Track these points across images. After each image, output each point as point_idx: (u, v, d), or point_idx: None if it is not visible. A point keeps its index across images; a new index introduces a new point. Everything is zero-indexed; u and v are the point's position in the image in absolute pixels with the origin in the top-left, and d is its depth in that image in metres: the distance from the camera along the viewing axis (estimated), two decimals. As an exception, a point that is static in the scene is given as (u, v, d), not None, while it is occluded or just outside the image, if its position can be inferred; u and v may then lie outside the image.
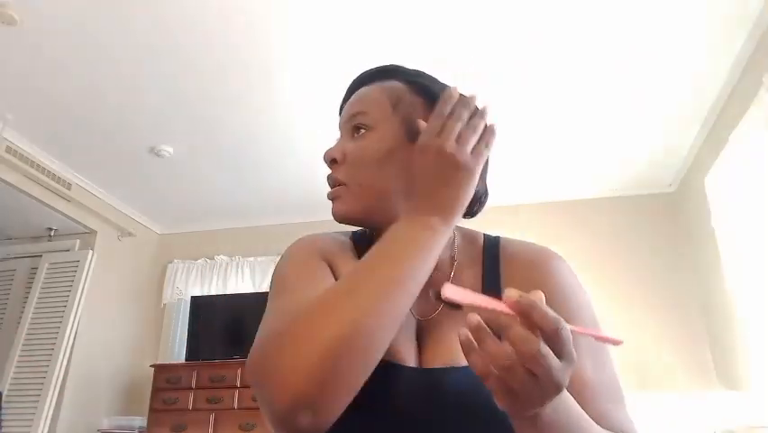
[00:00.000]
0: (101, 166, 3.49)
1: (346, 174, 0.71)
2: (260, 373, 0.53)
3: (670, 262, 3.57)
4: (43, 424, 3.19)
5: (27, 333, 3.48)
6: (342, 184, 0.71)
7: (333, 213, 0.72)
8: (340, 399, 0.51)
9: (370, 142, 0.71)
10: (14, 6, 2.22)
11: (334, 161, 0.72)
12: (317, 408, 0.50)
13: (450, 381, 0.61)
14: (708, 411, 2.46)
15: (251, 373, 0.55)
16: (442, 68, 2.55)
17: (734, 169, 2.60)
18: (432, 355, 0.65)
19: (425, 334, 0.67)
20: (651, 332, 3.41)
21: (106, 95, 2.80)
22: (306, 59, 2.52)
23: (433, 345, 0.66)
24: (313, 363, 0.50)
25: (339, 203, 0.71)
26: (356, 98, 0.74)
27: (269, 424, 0.53)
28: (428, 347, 0.66)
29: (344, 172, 0.71)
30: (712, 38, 2.43)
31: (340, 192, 0.71)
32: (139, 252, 4.12)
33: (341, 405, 0.52)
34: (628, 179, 3.63)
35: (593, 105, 2.90)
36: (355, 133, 0.72)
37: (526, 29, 2.38)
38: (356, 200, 0.70)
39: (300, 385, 0.49)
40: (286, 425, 0.50)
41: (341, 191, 0.71)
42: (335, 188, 0.72)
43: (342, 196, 0.71)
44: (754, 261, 2.45)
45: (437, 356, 0.64)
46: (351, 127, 0.73)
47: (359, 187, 0.70)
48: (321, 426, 0.51)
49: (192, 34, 2.40)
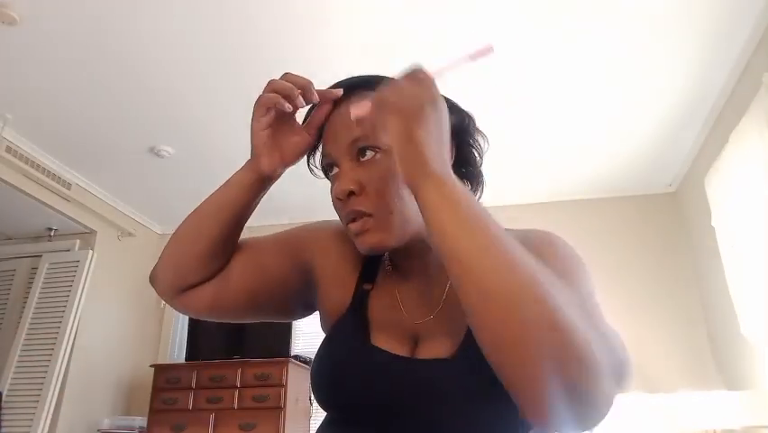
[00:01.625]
0: (101, 166, 3.49)
1: (370, 205, 0.67)
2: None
3: (670, 262, 3.56)
4: (43, 424, 3.19)
5: (27, 333, 3.48)
6: (366, 215, 0.67)
7: (365, 247, 0.68)
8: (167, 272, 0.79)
9: (387, 166, 0.67)
10: (14, 6, 2.22)
11: (352, 194, 0.67)
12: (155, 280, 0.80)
13: (433, 369, 0.63)
14: (708, 411, 2.46)
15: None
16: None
17: (734, 169, 2.60)
18: (422, 351, 0.67)
19: (420, 336, 0.69)
20: (651, 332, 3.40)
21: (106, 95, 2.80)
22: (307, 59, 2.52)
23: (425, 343, 0.68)
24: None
25: (370, 236, 0.67)
26: (348, 120, 0.67)
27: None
28: (421, 346, 0.68)
29: (368, 203, 0.67)
30: (712, 38, 2.43)
31: (368, 224, 0.67)
32: (139, 252, 4.11)
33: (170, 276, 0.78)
34: (628, 179, 3.63)
35: (593, 105, 2.90)
36: (360, 156, 0.68)
37: (526, 29, 2.38)
38: (389, 229, 0.67)
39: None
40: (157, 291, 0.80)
41: (369, 223, 0.67)
42: (361, 221, 0.67)
43: (372, 228, 0.67)
44: (754, 261, 2.44)
45: (426, 351, 0.66)
46: (355, 151, 0.69)
47: (389, 214, 0.67)
48: (167, 293, 0.79)
49: (192, 34, 2.40)
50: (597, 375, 0.48)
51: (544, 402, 0.48)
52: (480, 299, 0.50)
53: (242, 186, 0.75)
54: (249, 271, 0.79)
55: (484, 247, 0.52)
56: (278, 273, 0.80)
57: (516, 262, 0.51)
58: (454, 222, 0.54)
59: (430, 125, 0.59)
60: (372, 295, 0.75)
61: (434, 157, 0.58)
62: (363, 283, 0.77)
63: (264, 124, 0.72)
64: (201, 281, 0.78)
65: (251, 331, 3.57)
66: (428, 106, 0.60)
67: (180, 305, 0.80)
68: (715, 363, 3.27)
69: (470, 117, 0.77)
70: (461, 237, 0.53)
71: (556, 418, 0.49)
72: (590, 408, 0.50)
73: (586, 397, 0.48)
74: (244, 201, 0.76)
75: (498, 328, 0.50)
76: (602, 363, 0.49)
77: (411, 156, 0.58)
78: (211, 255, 0.76)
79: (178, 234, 0.78)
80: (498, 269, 0.51)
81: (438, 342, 0.66)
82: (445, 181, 0.57)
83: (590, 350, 0.48)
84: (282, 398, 3.22)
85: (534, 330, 0.48)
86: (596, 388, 0.48)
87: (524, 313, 0.48)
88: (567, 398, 0.48)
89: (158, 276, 0.79)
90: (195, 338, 3.68)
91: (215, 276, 0.78)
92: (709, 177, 2.92)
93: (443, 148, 0.60)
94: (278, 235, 0.84)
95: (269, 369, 3.30)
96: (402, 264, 0.75)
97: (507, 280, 0.50)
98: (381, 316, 0.72)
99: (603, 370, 0.49)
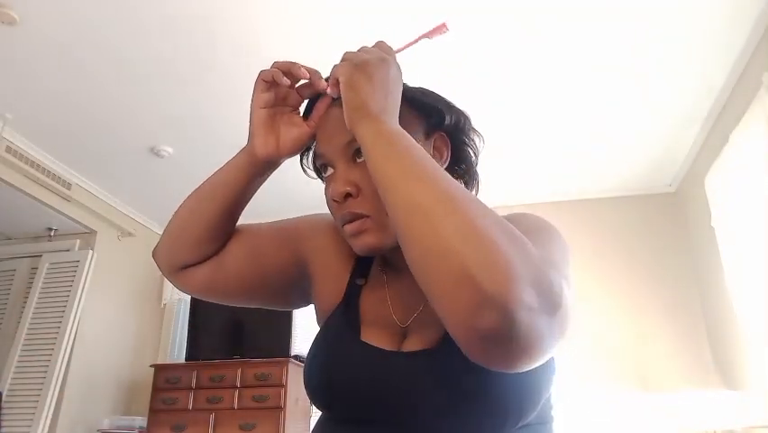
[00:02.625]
0: (101, 166, 3.49)
1: (367, 206, 0.68)
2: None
3: (670, 262, 3.56)
4: (43, 424, 3.19)
5: (27, 333, 3.48)
6: (364, 217, 0.68)
7: (362, 248, 0.69)
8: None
9: None
10: (14, 6, 2.22)
11: (349, 195, 0.68)
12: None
13: (416, 359, 0.64)
14: (708, 411, 2.46)
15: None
16: (446, 68, 2.56)
17: (734, 169, 2.60)
18: (407, 345, 0.68)
19: (408, 331, 0.70)
20: (651, 332, 3.41)
21: (107, 94, 2.80)
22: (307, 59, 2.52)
23: (411, 337, 0.69)
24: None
25: (368, 236, 0.68)
26: (344, 121, 0.66)
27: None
28: (407, 341, 0.69)
29: (365, 205, 0.68)
30: (712, 38, 2.43)
31: (366, 225, 0.68)
32: (139, 252, 4.11)
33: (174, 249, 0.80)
34: (628, 179, 3.63)
35: (593, 106, 2.90)
36: (357, 157, 0.69)
37: (527, 29, 2.38)
38: (386, 230, 0.67)
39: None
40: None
41: (367, 224, 0.68)
42: (359, 222, 0.68)
43: (370, 228, 0.68)
44: (754, 261, 2.44)
45: (411, 345, 0.68)
46: (351, 152, 0.69)
47: (386, 216, 0.66)
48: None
49: (194, 34, 2.40)
50: (513, 281, 0.46)
51: (468, 321, 0.47)
52: (403, 213, 0.54)
53: (237, 168, 0.76)
54: (243, 257, 0.80)
55: (411, 172, 0.56)
56: (272, 261, 0.82)
57: (438, 181, 0.55)
58: (388, 155, 0.58)
59: (374, 77, 0.64)
60: (365, 290, 0.77)
61: (375, 103, 0.63)
62: (356, 278, 0.78)
63: (263, 101, 0.72)
64: (197, 262, 0.79)
65: (251, 331, 3.57)
66: (376, 62, 0.66)
67: (178, 282, 0.82)
68: (715, 363, 3.27)
69: (466, 117, 0.78)
70: (391, 166, 0.57)
71: (485, 342, 0.47)
72: (513, 324, 0.46)
73: (504, 308, 0.45)
74: (239, 184, 0.76)
75: (417, 239, 0.52)
76: (520, 273, 0.47)
77: (353, 102, 0.63)
78: (206, 236, 0.78)
79: (177, 214, 0.80)
80: (420, 186, 0.54)
81: (423, 335, 0.67)
82: (382, 122, 0.62)
83: (506, 258, 0.47)
84: (282, 398, 3.22)
85: (451, 240, 0.49)
86: (513, 296, 0.45)
87: (441, 223, 0.51)
88: (488, 312, 0.46)
89: (158, 253, 0.82)
90: (195, 338, 3.68)
91: (212, 258, 0.80)
92: (709, 177, 2.92)
93: (388, 100, 0.65)
94: (275, 224, 0.85)
95: (269, 369, 3.30)
96: (394, 261, 0.75)
97: (426, 194, 0.53)
98: (372, 311, 0.74)
99: (521, 279, 0.47)
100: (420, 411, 0.62)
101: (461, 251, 0.48)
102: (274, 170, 0.77)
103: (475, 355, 0.50)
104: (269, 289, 0.84)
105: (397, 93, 0.67)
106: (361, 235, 0.68)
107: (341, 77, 0.66)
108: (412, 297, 0.72)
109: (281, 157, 0.75)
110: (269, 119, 0.73)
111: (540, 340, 0.48)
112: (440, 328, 0.65)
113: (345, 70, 0.65)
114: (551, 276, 0.50)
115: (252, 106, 0.73)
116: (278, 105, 0.74)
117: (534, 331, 0.47)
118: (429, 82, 0.84)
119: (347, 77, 0.65)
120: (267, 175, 0.78)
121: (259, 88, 0.73)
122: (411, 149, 0.59)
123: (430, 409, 0.61)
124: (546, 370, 0.64)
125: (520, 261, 0.48)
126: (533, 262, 0.49)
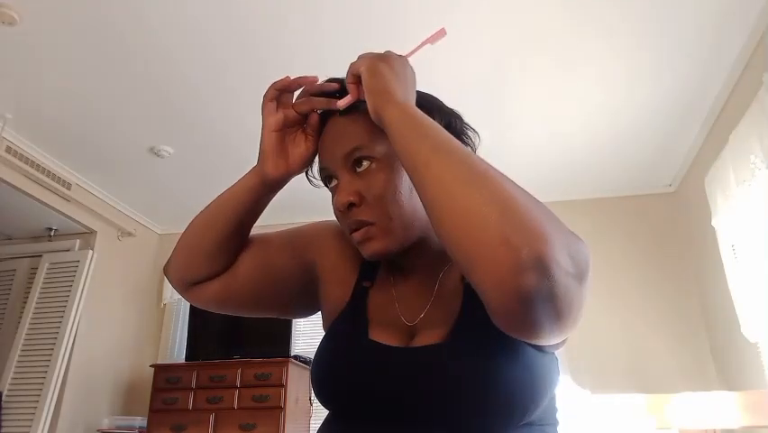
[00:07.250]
0: (101, 166, 3.49)
1: (371, 214, 0.69)
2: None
3: (669, 262, 3.57)
4: (43, 424, 3.19)
5: (27, 333, 3.48)
6: (368, 224, 0.69)
7: (370, 254, 0.70)
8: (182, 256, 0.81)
9: (384, 174, 0.70)
10: (14, 6, 2.22)
11: (353, 205, 0.70)
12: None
13: (426, 353, 0.65)
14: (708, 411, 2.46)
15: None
16: (448, 69, 2.56)
17: (734, 168, 2.60)
18: (416, 342, 0.69)
19: (416, 331, 0.71)
20: (651, 332, 3.41)
21: (107, 94, 2.80)
22: (307, 59, 2.52)
23: (420, 335, 0.70)
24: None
25: (374, 243, 0.69)
26: (342, 132, 0.72)
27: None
28: (416, 338, 0.70)
29: (368, 212, 0.69)
30: (712, 37, 2.43)
31: (371, 232, 0.69)
32: (139, 252, 4.11)
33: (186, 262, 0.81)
34: (628, 179, 3.63)
35: (593, 105, 2.89)
36: (356, 167, 0.71)
37: (527, 29, 2.38)
38: (391, 235, 0.69)
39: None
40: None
41: (372, 231, 0.69)
42: (364, 230, 0.69)
43: (375, 235, 0.69)
44: (754, 261, 2.44)
45: (420, 341, 0.69)
46: (351, 162, 0.71)
47: (389, 221, 0.69)
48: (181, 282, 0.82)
49: (194, 34, 2.40)
50: (551, 245, 0.49)
51: (511, 283, 0.48)
52: (438, 187, 0.56)
53: (246, 189, 0.78)
54: (255, 269, 0.82)
55: (442, 148, 0.58)
56: (282, 271, 0.83)
57: (468, 155, 0.58)
58: (417, 133, 0.60)
59: (395, 67, 0.68)
60: (371, 292, 0.78)
61: (398, 88, 0.66)
62: (363, 281, 0.79)
63: (274, 124, 0.74)
64: (209, 277, 0.81)
65: (251, 331, 3.57)
66: (395, 56, 0.70)
67: (192, 297, 0.83)
68: (715, 363, 3.27)
69: (458, 116, 0.78)
70: (422, 143, 0.59)
71: (525, 304, 0.49)
72: (554, 284, 0.49)
73: (546, 268, 0.48)
74: (248, 204, 0.78)
75: (454, 211, 0.54)
76: (556, 238, 0.50)
77: (377, 87, 0.65)
78: (217, 253, 0.79)
79: (188, 232, 0.81)
80: (453, 159, 0.57)
81: (431, 331, 0.68)
82: (408, 105, 0.64)
83: (541, 224, 0.50)
84: (282, 398, 3.22)
85: (488, 208, 0.52)
86: (552, 257, 0.48)
87: (478, 192, 0.53)
88: (529, 273, 0.48)
89: (170, 270, 0.83)
90: (195, 338, 3.67)
91: (224, 272, 0.81)
92: (709, 177, 2.92)
93: (408, 90, 0.68)
94: (283, 233, 0.87)
95: (269, 369, 3.30)
96: (400, 263, 0.76)
97: (460, 168, 0.56)
98: (380, 312, 0.74)
99: (557, 243, 0.50)
100: (428, 405, 0.62)
101: (500, 219, 0.50)
102: (283, 186, 0.79)
103: (511, 321, 0.52)
104: (282, 298, 0.85)
105: (413, 87, 0.70)
106: (367, 242, 0.70)
107: (362, 66, 0.68)
108: (419, 298, 0.73)
109: (291, 176, 0.78)
110: (279, 141, 0.76)
111: (574, 304, 0.52)
112: (447, 323, 0.66)
113: (366, 60, 0.68)
114: (579, 245, 0.54)
115: (264, 131, 0.75)
116: (288, 127, 0.76)
117: (570, 293, 0.51)
118: (429, 83, 0.84)
119: (369, 65, 0.67)
120: (276, 192, 0.80)
121: (267, 111, 0.75)
122: (438, 128, 0.62)
123: (439, 402, 0.61)
124: (551, 368, 0.66)
125: (553, 228, 0.51)
126: (564, 230, 0.53)
